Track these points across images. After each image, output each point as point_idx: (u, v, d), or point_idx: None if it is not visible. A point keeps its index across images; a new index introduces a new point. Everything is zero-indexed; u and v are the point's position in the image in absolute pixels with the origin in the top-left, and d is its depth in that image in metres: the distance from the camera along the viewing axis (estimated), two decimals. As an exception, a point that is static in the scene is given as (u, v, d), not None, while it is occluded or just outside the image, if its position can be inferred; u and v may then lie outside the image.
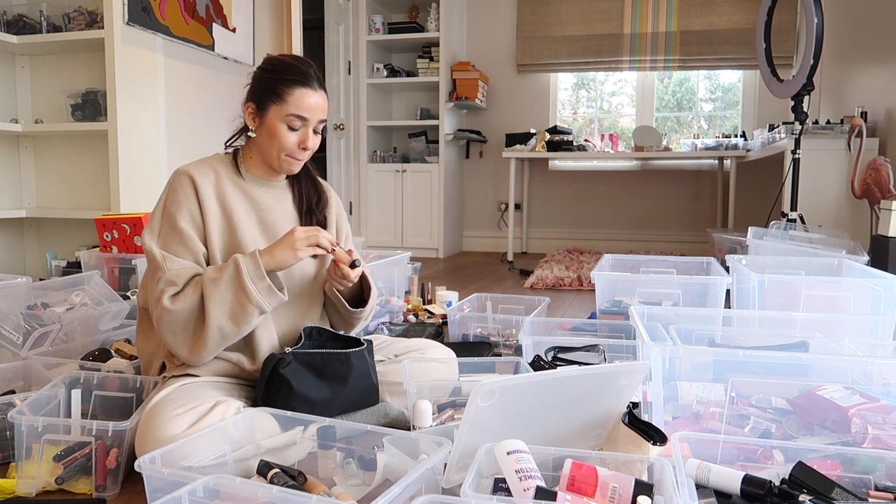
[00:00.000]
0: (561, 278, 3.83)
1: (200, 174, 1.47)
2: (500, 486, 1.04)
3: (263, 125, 1.48)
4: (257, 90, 1.48)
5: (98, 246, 2.74)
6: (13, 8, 3.28)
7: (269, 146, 1.48)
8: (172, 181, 1.46)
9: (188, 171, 1.46)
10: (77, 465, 1.25)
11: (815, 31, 3.13)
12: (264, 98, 1.46)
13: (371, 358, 1.51)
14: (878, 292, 2.03)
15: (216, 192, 1.47)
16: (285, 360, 1.38)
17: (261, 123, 1.48)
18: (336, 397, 1.43)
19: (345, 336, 1.55)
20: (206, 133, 3.80)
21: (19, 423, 1.26)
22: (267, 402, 1.37)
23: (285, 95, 1.44)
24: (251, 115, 1.50)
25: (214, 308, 1.33)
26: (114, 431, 1.26)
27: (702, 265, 2.80)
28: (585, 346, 1.87)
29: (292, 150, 1.48)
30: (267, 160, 1.52)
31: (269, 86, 1.46)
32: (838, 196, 3.58)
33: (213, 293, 1.34)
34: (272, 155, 1.49)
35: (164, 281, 1.36)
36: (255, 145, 1.53)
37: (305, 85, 1.45)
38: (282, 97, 1.44)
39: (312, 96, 1.46)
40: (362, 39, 5.21)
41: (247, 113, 1.50)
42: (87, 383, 1.46)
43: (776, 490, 1.06)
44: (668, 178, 5.44)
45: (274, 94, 1.45)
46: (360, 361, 1.47)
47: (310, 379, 1.40)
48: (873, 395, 1.31)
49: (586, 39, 5.41)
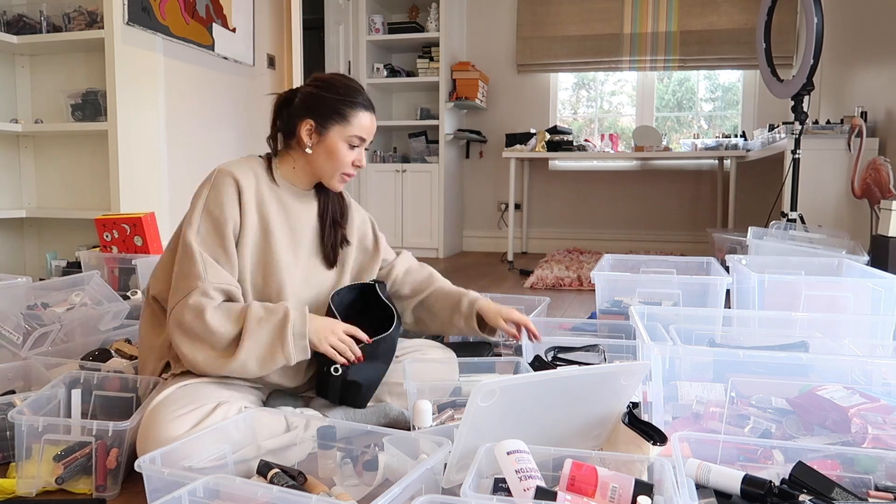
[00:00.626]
0: (561, 278, 3.83)
1: (244, 177, 1.49)
2: (500, 486, 1.04)
3: (323, 143, 1.53)
4: (319, 109, 1.52)
5: (98, 246, 2.75)
6: (13, 8, 3.28)
7: (326, 163, 1.54)
8: (216, 180, 1.47)
9: (232, 173, 1.47)
10: (77, 465, 1.25)
11: (815, 31, 3.13)
12: (327, 118, 1.51)
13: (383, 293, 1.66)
14: (878, 292, 2.03)
15: (256, 198, 1.50)
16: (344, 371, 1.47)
17: (319, 141, 1.53)
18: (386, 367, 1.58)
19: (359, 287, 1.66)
20: (206, 133, 3.80)
21: (19, 423, 1.26)
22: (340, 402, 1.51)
23: (350, 117, 1.52)
24: (308, 132, 1.53)
25: (249, 345, 1.35)
26: (114, 431, 1.26)
27: (702, 265, 2.80)
28: (585, 346, 1.87)
29: (349, 168, 1.55)
30: (319, 175, 1.57)
31: (334, 106, 1.51)
32: (838, 196, 3.58)
33: (254, 331, 1.36)
34: (328, 172, 1.55)
35: (201, 291, 1.36)
36: (301, 158, 1.56)
37: (367, 108, 1.55)
38: (346, 118, 1.51)
39: (371, 119, 1.56)
40: (362, 39, 5.21)
41: (303, 129, 1.52)
42: (87, 383, 1.46)
43: (776, 490, 1.06)
44: (668, 178, 5.44)
45: (338, 114, 1.51)
46: (398, 330, 1.62)
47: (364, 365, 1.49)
48: (873, 395, 1.31)
49: (586, 39, 5.41)
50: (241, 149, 4.09)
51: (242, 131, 4.11)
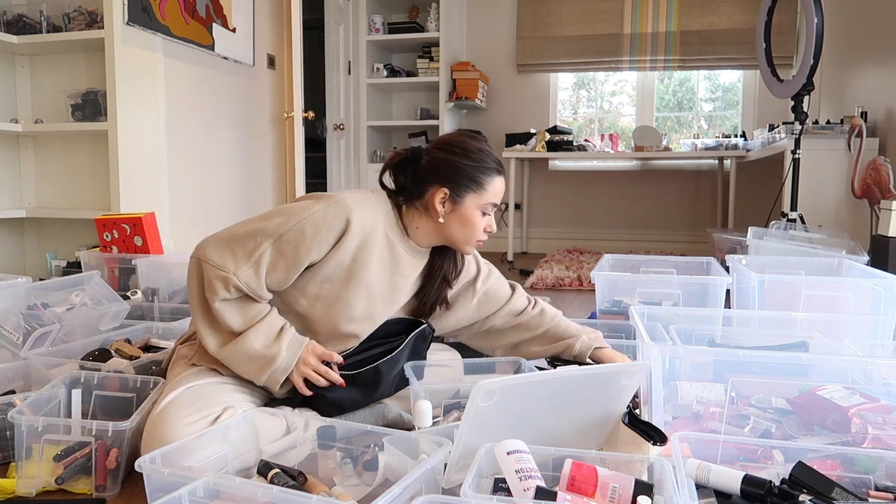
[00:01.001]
0: (561, 278, 3.83)
1: (361, 221, 1.39)
2: (500, 486, 1.04)
3: (457, 211, 1.45)
4: (454, 178, 1.44)
5: (98, 246, 2.75)
6: (13, 8, 3.28)
7: (459, 231, 1.47)
8: (331, 208, 1.36)
9: (349, 213, 1.36)
10: (77, 465, 1.25)
11: (815, 31, 3.13)
12: (463, 186, 1.44)
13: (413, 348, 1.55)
14: (878, 292, 2.04)
15: (359, 244, 1.40)
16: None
17: (453, 210, 1.45)
18: (368, 397, 1.49)
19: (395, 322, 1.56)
20: (206, 133, 3.80)
21: (19, 423, 1.26)
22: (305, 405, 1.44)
23: (486, 185, 1.45)
24: (442, 201, 1.45)
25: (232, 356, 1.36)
26: (114, 431, 1.26)
27: (702, 265, 2.80)
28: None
29: (482, 234, 1.49)
30: (450, 242, 1.50)
31: (471, 174, 1.44)
32: (838, 196, 3.58)
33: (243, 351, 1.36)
34: (460, 239, 1.48)
35: (223, 279, 1.32)
36: (429, 223, 1.48)
37: (501, 174, 1.48)
38: (483, 186, 1.45)
39: (503, 182, 1.49)
40: (362, 39, 5.21)
41: (437, 198, 1.44)
42: (88, 383, 1.46)
43: (776, 490, 1.06)
44: (668, 178, 5.44)
45: (475, 182, 1.44)
46: (389, 366, 1.49)
47: (342, 390, 1.43)
48: (873, 395, 1.31)
49: (586, 39, 5.41)
50: (240, 149, 4.09)
51: (242, 131, 4.11)
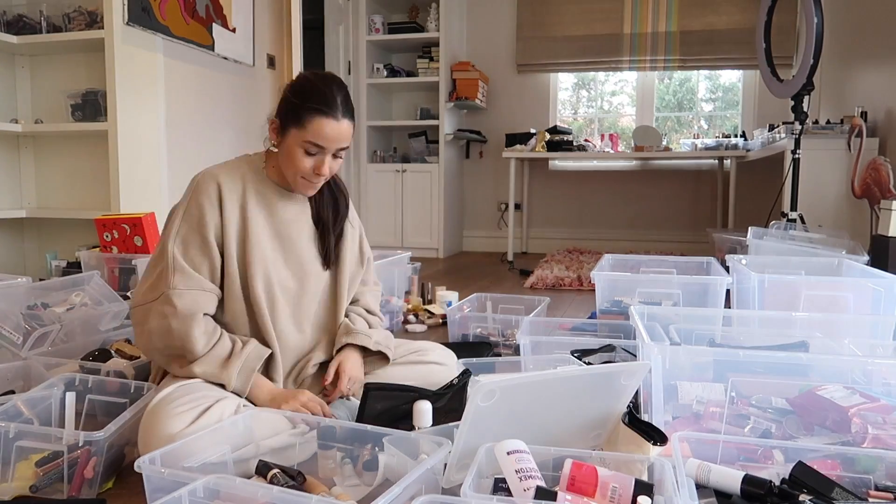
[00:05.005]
0: (561, 278, 3.83)
1: (229, 180, 1.47)
2: (500, 486, 1.04)
3: (283, 145, 1.47)
4: (282, 109, 1.46)
5: (98, 246, 2.74)
6: (13, 8, 3.28)
7: (286, 166, 1.47)
8: (200, 183, 1.46)
9: (216, 176, 1.46)
10: (55, 472, 1.22)
11: (815, 31, 3.13)
12: (286, 120, 1.44)
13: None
14: (878, 292, 2.03)
15: (240, 202, 1.47)
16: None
17: (281, 142, 1.47)
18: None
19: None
20: (206, 133, 3.80)
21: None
22: None
23: (305, 122, 1.41)
24: (274, 132, 1.48)
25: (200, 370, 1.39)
26: (86, 441, 1.22)
27: (702, 265, 2.80)
28: (602, 346, 1.85)
29: (307, 173, 1.46)
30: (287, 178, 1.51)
31: (292, 109, 1.43)
32: (838, 196, 3.58)
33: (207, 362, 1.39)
34: (288, 175, 1.49)
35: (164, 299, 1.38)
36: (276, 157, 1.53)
37: (327, 115, 1.40)
38: (301, 123, 1.41)
39: (333, 126, 1.41)
40: (362, 39, 5.21)
41: (271, 128, 1.49)
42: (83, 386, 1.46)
43: (776, 490, 1.06)
44: (668, 178, 5.44)
45: (295, 118, 1.42)
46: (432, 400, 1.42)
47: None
48: (873, 395, 1.31)
49: (586, 39, 5.41)
50: (240, 149, 4.07)
51: (242, 131, 4.11)
